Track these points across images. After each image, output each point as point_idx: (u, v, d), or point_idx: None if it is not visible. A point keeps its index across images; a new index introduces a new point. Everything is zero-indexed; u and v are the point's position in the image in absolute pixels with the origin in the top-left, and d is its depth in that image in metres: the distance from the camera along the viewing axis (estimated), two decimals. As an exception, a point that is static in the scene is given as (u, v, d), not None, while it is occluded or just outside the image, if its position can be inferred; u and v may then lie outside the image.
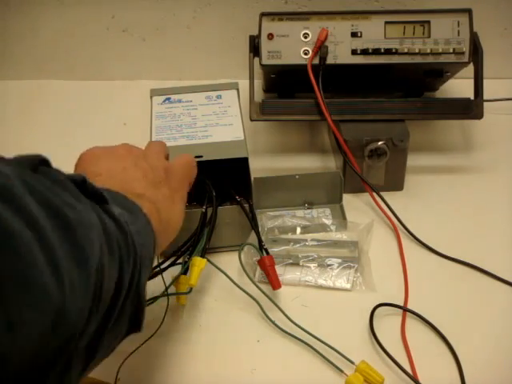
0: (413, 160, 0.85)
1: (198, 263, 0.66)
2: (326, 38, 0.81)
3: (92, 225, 0.36)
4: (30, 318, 0.28)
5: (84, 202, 0.38)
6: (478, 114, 0.83)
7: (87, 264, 0.33)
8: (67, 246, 0.32)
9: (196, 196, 0.74)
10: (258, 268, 0.70)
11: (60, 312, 0.30)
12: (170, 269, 0.67)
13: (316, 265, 0.73)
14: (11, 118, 1.02)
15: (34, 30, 1.05)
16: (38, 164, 0.36)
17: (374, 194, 0.80)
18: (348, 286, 0.71)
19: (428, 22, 0.81)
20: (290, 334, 0.65)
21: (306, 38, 0.82)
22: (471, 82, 0.84)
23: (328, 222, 0.79)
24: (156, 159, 0.58)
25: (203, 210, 0.70)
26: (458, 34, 0.81)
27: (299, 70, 0.81)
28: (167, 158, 0.62)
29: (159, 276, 0.66)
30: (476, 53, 0.82)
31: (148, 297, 0.65)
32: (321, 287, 0.71)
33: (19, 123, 1.00)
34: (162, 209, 0.52)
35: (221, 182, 0.72)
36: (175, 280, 0.66)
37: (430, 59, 0.82)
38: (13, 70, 1.08)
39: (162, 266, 0.67)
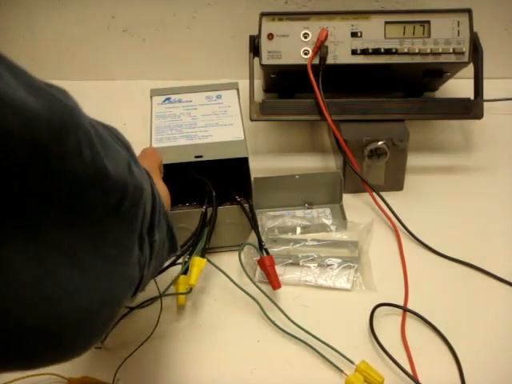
0: (413, 160, 0.85)
1: (198, 263, 0.66)
2: (325, 38, 0.81)
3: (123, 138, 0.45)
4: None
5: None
6: (478, 114, 0.83)
7: (130, 147, 0.44)
8: (115, 139, 0.42)
9: (196, 196, 0.74)
10: (258, 268, 0.70)
11: (127, 156, 0.41)
12: (170, 269, 0.67)
13: (316, 265, 0.73)
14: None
15: (34, 29, 1.05)
16: None
17: (374, 194, 0.80)
18: (348, 286, 0.71)
19: (428, 22, 0.81)
20: (289, 334, 0.65)
21: (306, 37, 0.82)
22: (471, 82, 0.84)
23: (328, 222, 0.79)
24: None
25: (203, 210, 0.70)
26: (458, 34, 0.81)
27: (299, 69, 0.81)
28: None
29: (159, 276, 0.66)
30: (476, 53, 0.82)
31: (147, 297, 0.65)
32: (321, 287, 0.71)
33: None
34: None
35: (221, 182, 0.72)
36: (175, 280, 0.66)
37: (430, 59, 0.82)
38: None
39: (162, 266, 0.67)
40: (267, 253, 0.69)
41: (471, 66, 0.83)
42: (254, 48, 0.83)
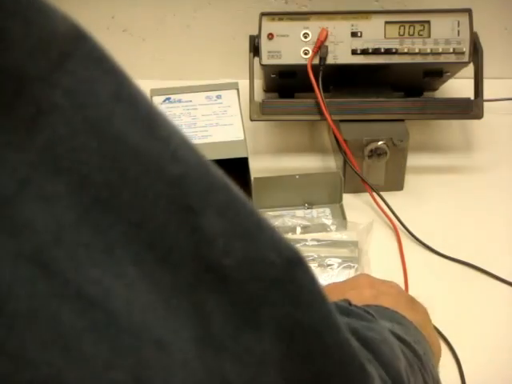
0: (413, 160, 0.84)
1: None
2: (325, 38, 0.81)
3: (393, 344, 0.40)
4: None
5: (375, 323, 0.42)
6: (478, 114, 0.83)
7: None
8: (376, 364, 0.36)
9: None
10: (258, 268, 0.70)
11: None
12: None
13: (316, 265, 0.73)
14: (11, 118, 1.02)
15: (34, 30, 1.05)
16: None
17: (374, 193, 0.80)
18: (348, 286, 0.71)
19: (428, 22, 0.81)
20: (289, 334, 0.65)
21: (306, 37, 0.82)
22: (471, 82, 0.84)
23: (328, 221, 0.79)
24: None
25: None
26: (458, 34, 0.81)
27: (299, 69, 0.81)
28: None
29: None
30: (476, 53, 0.82)
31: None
32: (321, 287, 0.71)
33: (19, 123, 1.00)
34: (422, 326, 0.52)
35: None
36: None
37: (430, 59, 0.82)
38: (13, 70, 1.08)
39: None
40: (267, 253, 0.69)
41: (471, 66, 0.83)
42: (254, 48, 0.83)
